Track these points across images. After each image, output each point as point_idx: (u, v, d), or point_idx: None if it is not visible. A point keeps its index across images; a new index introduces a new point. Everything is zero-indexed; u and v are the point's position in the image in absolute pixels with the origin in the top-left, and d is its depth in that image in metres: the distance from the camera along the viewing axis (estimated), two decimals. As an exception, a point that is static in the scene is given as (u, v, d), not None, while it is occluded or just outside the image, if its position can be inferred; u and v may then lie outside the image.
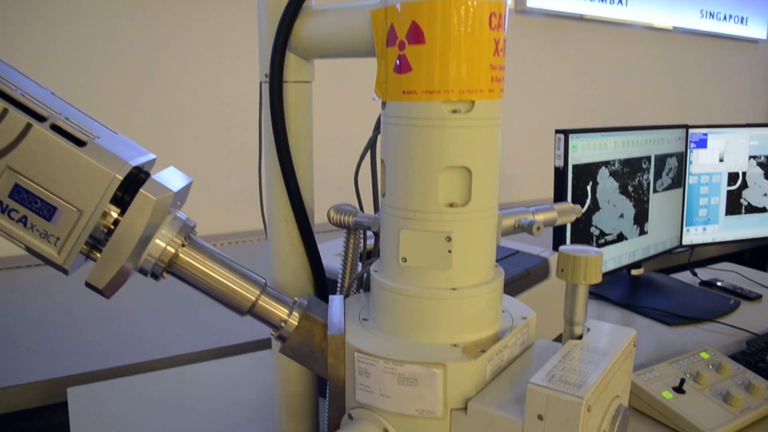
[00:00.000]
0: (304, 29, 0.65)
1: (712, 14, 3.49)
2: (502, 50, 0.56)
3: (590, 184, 1.35)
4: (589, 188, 1.34)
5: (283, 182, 0.68)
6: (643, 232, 1.52)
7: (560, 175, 1.28)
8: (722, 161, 1.65)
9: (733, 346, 1.29)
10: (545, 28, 2.92)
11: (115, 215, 0.56)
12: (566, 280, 0.58)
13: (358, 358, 0.57)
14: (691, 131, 1.60)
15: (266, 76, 0.67)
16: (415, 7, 0.53)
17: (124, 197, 0.56)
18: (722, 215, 1.68)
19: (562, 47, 2.98)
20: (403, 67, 0.55)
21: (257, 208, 0.79)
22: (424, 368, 0.54)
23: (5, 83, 0.53)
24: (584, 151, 1.31)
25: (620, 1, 3.09)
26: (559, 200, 1.28)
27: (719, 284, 1.68)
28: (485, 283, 0.59)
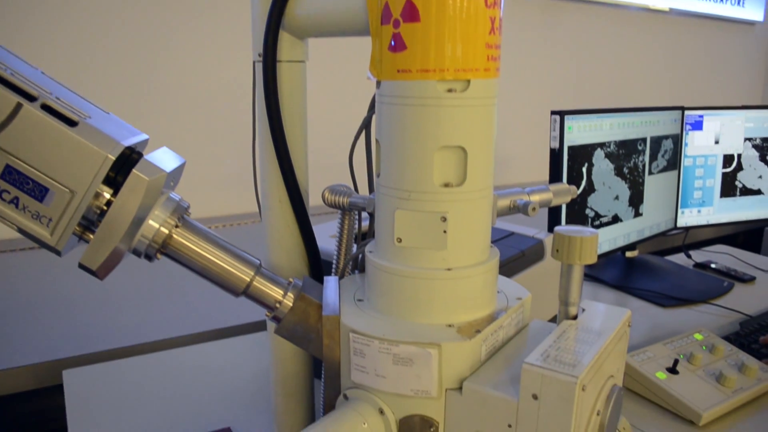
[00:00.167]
0: (297, 7, 0.65)
1: (708, -4, 3.48)
2: (498, 29, 0.55)
3: (586, 165, 1.34)
4: (584, 170, 1.34)
5: (277, 163, 0.68)
6: (638, 214, 1.52)
7: (556, 156, 1.28)
8: (718, 143, 1.65)
9: (726, 327, 1.30)
10: (541, 9, 2.90)
11: (107, 196, 0.55)
12: (561, 260, 0.58)
13: (353, 338, 0.57)
14: (686, 113, 1.59)
15: (259, 55, 0.66)
16: (410, -16, 0.53)
17: (116, 178, 0.55)
18: (717, 197, 1.68)
19: (557, 28, 2.97)
20: (397, 45, 0.54)
21: (252, 190, 0.79)
22: (419, 348, 0.54)
23: (-6, 62, 0.53)
24: (580, 132, 1.31)
25: (617, -18, 3.07)
26: (554, 182, 1.28)
27: (713, 266, 1.69)
28: (480, 263, 0.59)
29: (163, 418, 0.96)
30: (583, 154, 1.33)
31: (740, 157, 1.67)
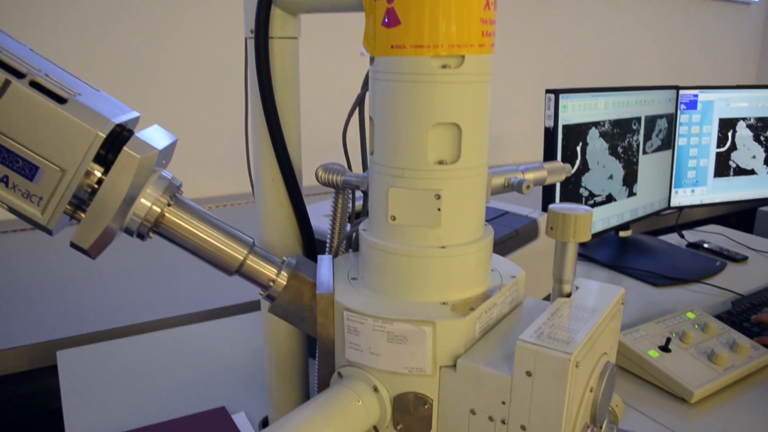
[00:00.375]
0: (289, -17, 0.64)
1: (704, -25, 3.46)
2: (492, 4, 0.55)
3: (580, 144, 1.34)
4: (578, 149, 1.34)
5: (270, 141, 0.67)
6: (632, 193, 1.52)
7: (550, 135, 1.27)
8: (712, 123, 1.65)
9: (718, 306, 1.30)
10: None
11: (98, 174, 0.55)
12: (555, 238, 0.58)
13: (347, 316, 0.57)
14: (681, 92, 1.59)
15: (251, 32, 0.65)
16: (403, -42, 0.52)
17: (107, 156, 0.54)
18: (711, 177, 1.68)
19: (552, 6, 2.95)
20: (391, 20, 0.53)
21: (245, 170, 0.78)
22: (413, 326, 0.54)
23: (-19, 39, 0.52)
24: (574, 111, 1.30)
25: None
26: (548, 161, 1.27)
27: (706, 246, 1.70)
28: (474, 241, 0.59)
29: (157, 397, 0.97)
30: (577, 133, 1.33)
31: (734, 136, 1.67)
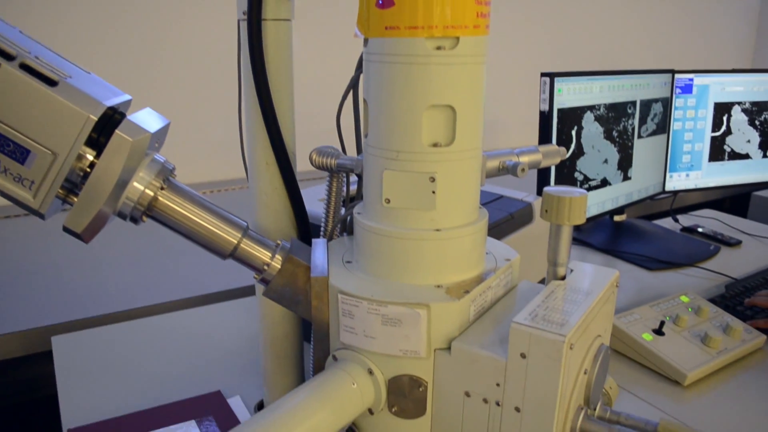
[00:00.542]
0: (282, -36, 0.63)
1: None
2: (487, -16, 0.54)
3: (575, 128, 1.34)
4: (574, 133, 1.34)
5: (263, 124, 0.67)
6: (626, 177, 1.52)
7: (545, 119, 1.27)
8: (707, 107, 1.65)
9: (712, 290, 1.31)
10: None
11: (90, 158, 0.54)
12: (550, 220, 0.58)
13: (341, 299, 0.57)
14: (676, 76, 1.59)
15: (244, 13, 0.65)
16: (397, -63, 0.51)
17: (99, 139, 0.54)
18: (705, 161, 1.68)
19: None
20: (385, 1, 0.53)
21: (239, 155, 0.78)
22: (408, 309, 0.54)
23: (-31, 20, 0.51)
24: (569, 95, 1.30)
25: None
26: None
27: (700, 230, 1.70)
28: (469, 224, 0.59)
29: (152, 382, 0.97)
30: (572, 116, 1.32)
31: (729, 121, 1.67)
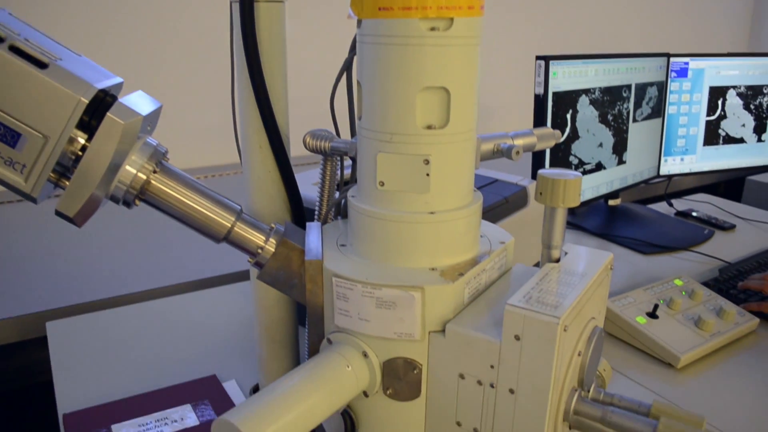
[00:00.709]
0: (275, -56, 0.62)
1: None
2: (482, -35, 0.54)
3: (570, 112, 1.34)
4: (568, 116, 1.33)
5: (256, 107, 0.66)
6: (621, 161, 1.52)
7: (540, 102, 1.26)
8: (702, 91, 1.64)
9: (706, 273, 1.31)
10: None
11: (82, 141, 0.54)
12: (545, 203, 0.58)
13: (336, 282, 0.57)
14: (672, 60, 1.58)
15: (236, -5, 0.64)
16: None
17: (90, 122, 0.53)
18: (700, 146, 1.68)
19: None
20: (379, -19, 0.52)
21: (232, 140, 0.77)
22: (402, 291, 0.54)
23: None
24: (565, 78, 1.29)
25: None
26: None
27: (694, 214, 1.70)
28: (463, 207, 0.59)
29: (148, 367, 0.97)
30: (567, 100, 1.32)
31: (724, 105, 1.67)
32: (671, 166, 1.67)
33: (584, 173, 1.42)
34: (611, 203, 1.66)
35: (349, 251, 0.61)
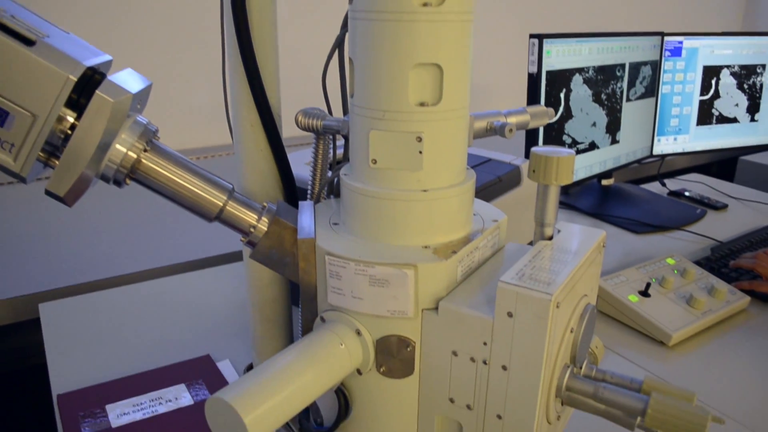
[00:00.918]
0: None
1: None
2: (474, -61, 0.53)
3: (564, 91, 1.33)
4: (562, 96, 1.33)
5: (247, 84, 0.66)
6: (614, 141, 1.52)
7: (534, 81, 1.26)
8: (695, 70, 1.64)
9: (698, 252, 1.32)
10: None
11: (71, 120, 0.53)
12: (538, 180, 0.57)
13: (329, 261, 0.57)
14: (666, 39, 1.57)
15: (226, -30, 0.63)
16: None
17: (79, 100, 0.53)
18: (693, 125, 1.68)
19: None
20: (370, -44, 0.52)
21: (224, 121, 0.77)
22: (395, 269, 0.54)
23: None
24: (558, 57, 1.29)
25: None
26: (532, 109, 1.27)
27: (687, 194, 1.71)
28: (456, 184, 0.59)
29: (141, 347, 0.97)
30: (561, 79, 1.32)
31: (718, 84, 1.67)
32: (664, 145, 1.68)
33: (577, 153, 1.42)
34: (604, 183, 1.67)
35: (341, 230, 0.61)
